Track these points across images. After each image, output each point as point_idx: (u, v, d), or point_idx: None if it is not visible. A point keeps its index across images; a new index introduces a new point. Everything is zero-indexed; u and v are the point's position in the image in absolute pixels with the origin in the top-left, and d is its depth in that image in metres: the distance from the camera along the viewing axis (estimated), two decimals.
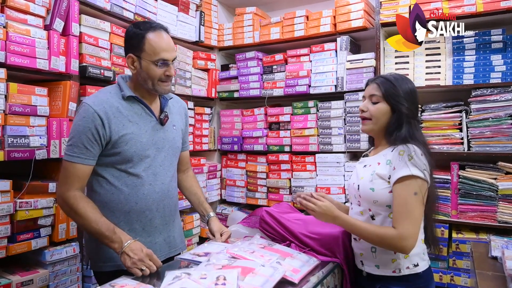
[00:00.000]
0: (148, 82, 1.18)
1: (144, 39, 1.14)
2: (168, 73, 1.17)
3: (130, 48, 1.18)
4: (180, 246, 1.36)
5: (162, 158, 1.24)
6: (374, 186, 1.08)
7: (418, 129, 1.11)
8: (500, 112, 1.80)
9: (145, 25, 1.18)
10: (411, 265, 1.07)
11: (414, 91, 1.13)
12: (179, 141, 1.33)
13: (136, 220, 1.20)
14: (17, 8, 1.38)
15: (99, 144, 1.13)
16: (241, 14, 2.50)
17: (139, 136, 1.18)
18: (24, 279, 1.38)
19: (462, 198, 1.89)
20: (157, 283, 0.98)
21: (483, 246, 1.48)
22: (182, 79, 2.28)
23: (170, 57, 1.17)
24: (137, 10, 1.91)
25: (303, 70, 2.28)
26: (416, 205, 1.01)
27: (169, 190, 1.27)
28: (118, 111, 1.16)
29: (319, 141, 2.24)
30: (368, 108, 1.13)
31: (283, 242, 1.29)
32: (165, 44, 1.16)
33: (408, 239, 1.00)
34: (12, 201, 1.35)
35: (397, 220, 1.01)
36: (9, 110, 1.34)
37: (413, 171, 1.00)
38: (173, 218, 1.33)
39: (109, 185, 1.17)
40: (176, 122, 1.32)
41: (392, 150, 1.08)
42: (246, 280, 0.93)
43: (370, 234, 1.04)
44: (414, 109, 1.12)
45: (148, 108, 1.22)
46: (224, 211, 2.55)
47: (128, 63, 1.18)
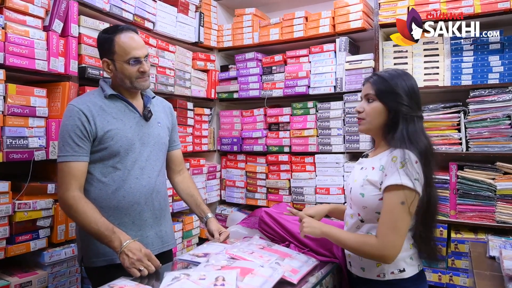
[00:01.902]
0: (126, 81, 1.23)
1: (113, 42, 1.21)
2: (142, 69, 1.23)
3: (103, 53, 1.25)
4: (172, 242, 1.38)
5: (148, 153, 1.27)
6: (364, 191, 1.05)
7: (418, 127, 1.04)
8: (498, 113, 1.81)
9: (113, 28, 1.25)
10: (396, 270, 1.03)
11: (413, 86, 1.06)
12: (165, 138, 1.36)
13: (125, 213, 1.23)
14: (16, 9, 1.38)
15: (88, 140, 1.17)
16: (240, 15, 2.51)
17: (124, 131, 1.22)
18: (23, 281, 1.37)
19: (460, 198, 1.89)
20: (156, 284, 0.98)
21: (481, 246, 1.48)
22: (181, 80, 2.28)
23: (141, 54, 1.22)
24: (136, 11, 1.91)
25: (302, 71, 2.28)
26: (401, 215, 0.96)
27: (156, 184, 1.30)
28: (101, 109, 1.21)
29: (318, 141, 2.25)
30: (364, 108, 1.09)
31: (282, 243, 1.30)
32: (134, 43, 1.22)
33: (390, 249, 0.96)
34: (10, 202, 1.35)
35: (381, 229, 0.99)
36: (8, 111, 1.34)
37: (403, 180, 0.96)
38: (164, 213, 1.35)
39: (97, 182, 1.20)
40: (161, 120, 1.35)
41: (388, 154, 1.03)
42: (245, 281, 0.93)
43: (351, 243, 1.02)
44: (414, 105, 1.05)
45: (130, 104, 1.27)
46: (224, 211, 2.55)
47: (104, 67, 1.25)
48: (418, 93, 1.08)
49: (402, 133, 1.02)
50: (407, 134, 1.02)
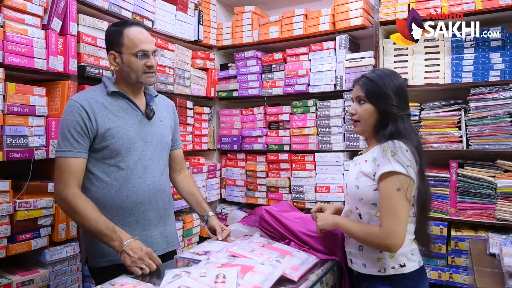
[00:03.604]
0: (132, 75, 1.22)
1: (122, 34, 1.20)
2: (149, 63, 1.22)
3: (110, 46, 1.24)
4: (176, 242, 1.37)
5: (151, 152, 1.26)
6: (359, 183, 1.07)
7: (407, 124, 1.08)
8: (499, 110, 1.81)
9: (123, 22, 1.25)
10: (396, 265, 1.05)
11: (401, 85, 1.09)
12: (168, 137, 1.35)
13: (129, 213, 1.21)
14: (15, 7, 1.38)
15: (88, 137, 1.15)
16: (240, 13, 2.50)
17: (125, 130, 1.20)
18: (25, 279, 1.37)
19: (461, 196, 1.89)
20: (157, 281, 0.99)
21: (482, 244, 1.48)
22: (181, 79, 2.28)
23: (150, 48, 1.22)
24: (135, 9, 1.91)
25: (302, 69, 2.28)
26: (399, 201, 0.98)
27: (160, 183, 1.28)
28: (103, 106, 1.19)
29: (318, 140, 2.24)
30: (357, 110, 1.12)
31: (283, 241, 1.30)
32: (143, 37, 1.22)
33: (393, 237, 0.97)
34: (11, 201, 1.35)
35: (382, 218, 1.00)
36: (8, 110, 1.34)
37: (395, 167, 0.98)
38: (168, 213, 1.34)
39: (99, 181, 1.19)
40: (163, 119, 1.34)
41: (379, 147, 1.07)
42: (246, 278, 0.93)
43: (358, 232, 1.05)
44: (403, 104, 1.09)
45: (133, 103, 1.25)
46: (224, 210, 2.56)
47: (110, 60, 1.24)
48: (406, 91, 1.12)
49: (393, 129, 1.06)
50: (397, 132, 1.06)
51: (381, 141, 1.07)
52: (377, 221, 1.05)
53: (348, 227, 1.09)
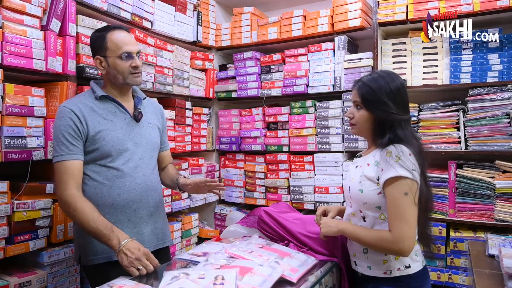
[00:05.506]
0: (118, 77, 1.26)
1: (105, 38, 1.25)
2: (134, 64, 1.26)
3: (95, 51, 1.28)
4: (168, 239, 1.39)
5: (142, 152, 1.30)
6: (363, 187, 1.06)
7: (406, 129, 1.05)
8: (497, 111, 1.81)
9: (105, 27, 1.30)
10: (402, 266, 1.05)
11: (398, 88, 1.06)
12: (157, 138, 1.39)
13: (121, 211, 1.24)
14: (13, 8, 1.38)
15: (81, 139, 1.19)
16: (238, 14, 2.50)
17: (114, 132, 1.24)
18: (22, 281, 1.37)
19: (459, 197, 1.89)
20: (155, 283, 0.98)
21: (481, 245, 1.48)
22: (180, 79, 2.28)
23: (134, 49, 1.27)
24: (134, 10, 1.90)
25: (301, 70, 2.28)
26: (407, 205, 0.98)
27: (151, 182, 1.32)
28: (92, 110, 1.23)
29: (317, 140, 2.24)
30: (354, 114, 1.12)
31: (282, 242, 1.30)
32: (126, 39, 1.26)
33: (404, 241, 0.98)
34: (9, 202, 1.34)
35: (391, 223, 1.00)
36: (6, 111, 1.33)
37: (400, 172, 0.98)
38: (159, 211, 1.37)
39: (91, 181, 1.22)
40: (151, 121, 1.38)
41: (381, 151, 1.05)
42: (245, 280, 0.93)
43: (367, 238, 1.04)
44: (401, 108, 1.06)
45: (121, 105, 1.29)
46: (223, 211, 2.55)
47: (96, 65, 1.28)
48: (405, 94, 1.08)
49: (392, 136, 1.04)
50: (398, 136, 1.04)
51: (382, 146, 1.06)
52: (380, 224, 1.05)
53: (355, 234, 1.07)
